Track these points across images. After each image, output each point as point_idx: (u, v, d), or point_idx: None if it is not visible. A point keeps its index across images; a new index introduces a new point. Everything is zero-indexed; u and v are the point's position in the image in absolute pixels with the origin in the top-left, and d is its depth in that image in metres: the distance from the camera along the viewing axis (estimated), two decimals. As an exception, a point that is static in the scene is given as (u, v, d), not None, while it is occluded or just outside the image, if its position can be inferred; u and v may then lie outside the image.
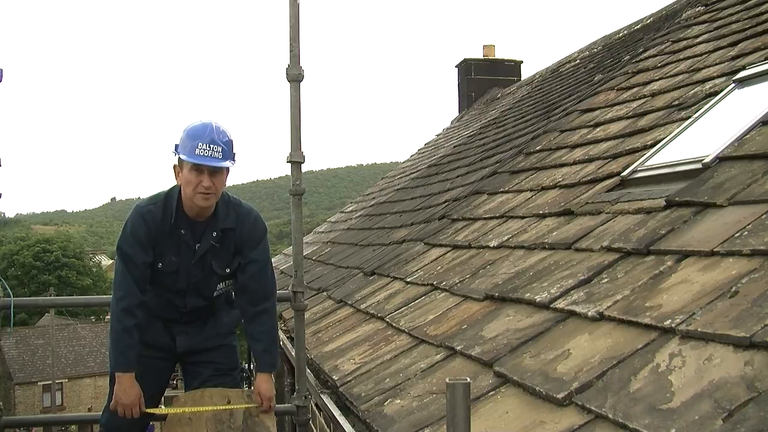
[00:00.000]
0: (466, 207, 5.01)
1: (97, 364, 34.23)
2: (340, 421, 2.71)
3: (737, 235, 2.06)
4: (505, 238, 3.65)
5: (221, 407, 2.87)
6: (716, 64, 3.96)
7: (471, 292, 3.13)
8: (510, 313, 2.65)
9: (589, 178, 3.65)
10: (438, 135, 13.24)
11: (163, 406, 3.56)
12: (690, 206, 2.50)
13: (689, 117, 3.36)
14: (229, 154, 2.77)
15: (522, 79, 12.74)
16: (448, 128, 13.21)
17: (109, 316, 3.25)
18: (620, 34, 8.44)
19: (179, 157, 2.78)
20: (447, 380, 1.30)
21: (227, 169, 2.81)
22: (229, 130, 2.81)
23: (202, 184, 2.73)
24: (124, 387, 2.77)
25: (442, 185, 6.93)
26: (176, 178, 2.86)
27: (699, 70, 4.12)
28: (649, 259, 2.33)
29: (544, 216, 3.59)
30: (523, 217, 3.82)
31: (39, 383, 33.01)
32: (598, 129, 4.52)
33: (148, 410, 2.88)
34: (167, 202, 2.86)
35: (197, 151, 2.69)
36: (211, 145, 2.71)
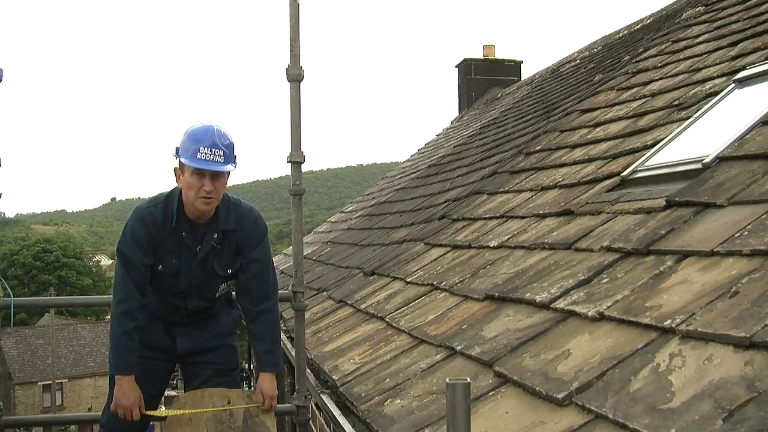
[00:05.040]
0: (466, 207, 5.01)
1: (97, 364, 34.23)
2: (340, 421, 2.71)
3: (737, 235, 2.06)
4: (505, 238, 3.64)
5: (221, 408, 2.87)
6: (716, 64, 3.96)
7: (471, 292, 3.13)
8: (510, 313, 2.65)
9: (589, 178, 3.65)
10: (438, 135, 13.24)
11: (163, 407, 3.55)
12: (690, 206, 2.50)
13: (689, 117, 3.36)
14: (230, 157, 2.76)
15: (522, 79, 12.74)
16: (448, 128, 13.21)
17: (109, 316, 3.25)
18: (620, 34, 8.44)
19: (180, 161, 2.77)
20: (447, 380, 1.30)
21: (228, 172, 2.80)
22: (230, 133, 2.80)
23: (204, 189, 2.72)
24: (124, 389, 2.77)
25: (442, 185, 6.93)
26: (177, 181, 2.84)
27: (699, 70, 4.12)
28: (649, 259, 2.33)
29: (544, 216, 3.59)
30: (523, 217, 3.82)
31: (39, 383, 33.01)
32: (598, 129, 4.52)
33: (148, 413, 2.87)
34: (168, 204, 2.85)
35: (199, 155, 2.67)
36: (213, 149, 2.69)
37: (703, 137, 3.00)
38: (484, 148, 7.36)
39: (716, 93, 3.43)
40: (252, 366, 13.01)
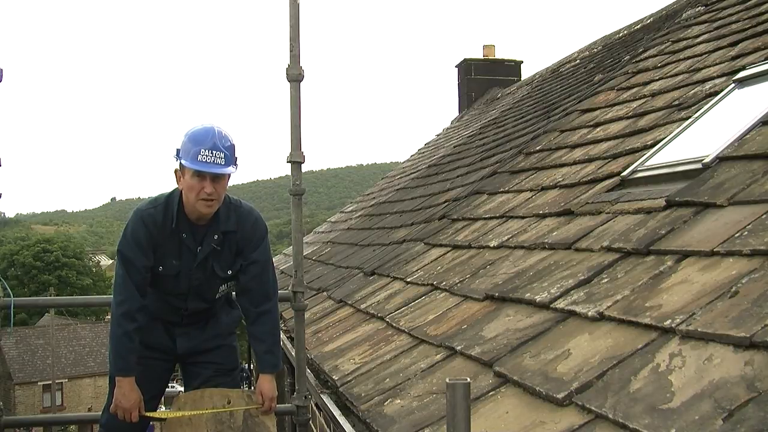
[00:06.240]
0: (466, 207, 5.01)
1: (97, 364, 34.24)
2: (340, 421, 2.71)
3: (737, 235, 2.06)
4: (505, 238, 3.65)
5: (221, 409, 2.87)
6: (716, 64, 3.96)
7: (471, 292, 3.13)
8: (510, 313, 2.65)
9: (589, 178, 3.65)
10: (438, 135, 13.24)
11: (163, 407, 3.55)
12: (690, 206, 2.50)
13: (689, 117, 3.36)
14: (231, 159, 2.75)
15: (522, 79, 12.74)
16: (448, 128, 13.21)
17: (109, 316, 3.24)
18: (620, 34, 8.44)
19: (181, 162, 2.76)
20: (447, 380, 1.30)
21: (229, 174, 2.80)
22: (231, 135, 2.80)
23: (205, 191, 2.71)
24: (124, 391, 2.77)
25: (442, 185, 6.93)
26: (177, 183, 2.84)
27: (699, 70, 4.12)
28: (649, 259, 2.33)
29: (544, 216, 3.59)
30: (523, 217, 3.82)
31: (39, 383, 33.01)
32: (598, 129, 4.52)
33: (149, 414, 2.87)
34: (168, 205, 2.85)
35: (200, 157, 2.66)
36: (214, 151, 2.68)
37: (703, 137, 3.00)
38: (484, 148, 7.36)
39: (716, 93, 3.43)
40: (252, 366, 13.01)
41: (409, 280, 4.09)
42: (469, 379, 1.32)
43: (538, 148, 5.11)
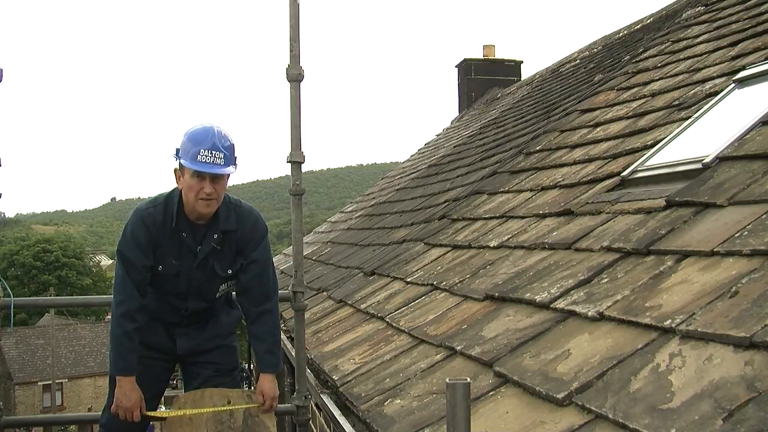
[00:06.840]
0: (466, 207, 5.01)
1: (97, 364, 34.23)
2: (340, 421, 2.71)
3: (737, 235, 2.06)
4: (505, 238, 3.65)
5: (221, 408, 2.87)
6: (716, 64, 3.96)
7: (471, 292, 3.13)
8: (510, 313, 2.65)
9: (589, 178, 3.65)
10: (438, 135, 13.24)
11: (163, 407, 3.55)
12: (690, 206, 2.50)
13: (689, 117, 3.36)
14: (231, 159, 2.75)
15: (522, 79, 12.74)
16: (448, 128, 13.21)
17: (109, 316, 3.24)
18: (620, 34, 8.45)
19: (180, 162, 2.76)
20: (447, 380, 1.30)
21: (229, 174, 2.80)
22: (231, 134, 2.79)
23: (204, 191, 2.71)
24: (124, 390, 2.77)
25: (442, 185, 6.93)
26: (177, 182, 2.84)
27: (699, 70, 4.12)
28: (649, 259, 2.33)
29: (544, 216, 3.59)
30: (523, 217, 3.82)
31: (39, 383, 33.00)
32: (598, 129, 4.52)
33: (149, 413, 2.87)
34: (168, 205, 2.84)
35: (199, 157, 2.66)
36: (213, 152, 2.68)
37: (703, 137, 3.00)
38: (484, 148, 7.37)
39: (716, 93, 3.43)
40: (252, 366, 13.02)
41: (409, 280, 4.09)
42: (469, 379, 1.32)
43: (538, 148, 5.11)
